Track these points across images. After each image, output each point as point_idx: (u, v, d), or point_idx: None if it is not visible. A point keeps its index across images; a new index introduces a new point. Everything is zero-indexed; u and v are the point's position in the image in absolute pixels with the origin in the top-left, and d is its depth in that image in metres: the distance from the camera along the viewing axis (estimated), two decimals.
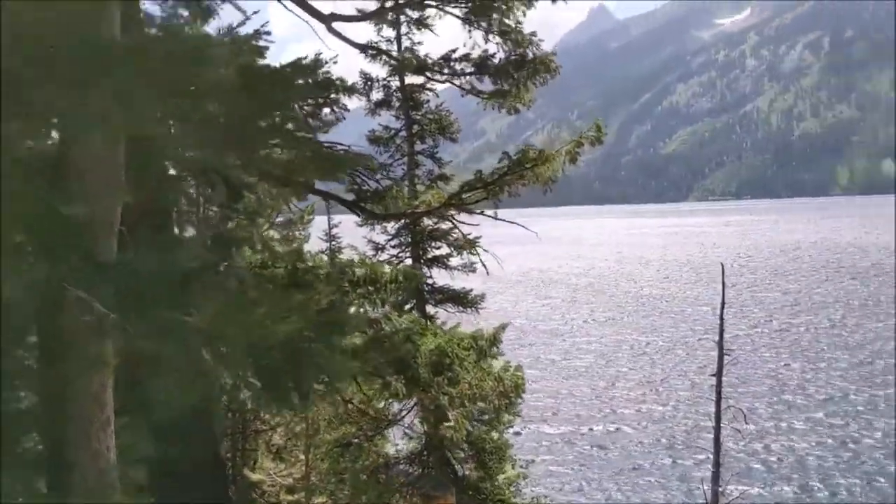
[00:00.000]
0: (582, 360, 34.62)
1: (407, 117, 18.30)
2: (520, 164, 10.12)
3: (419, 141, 19.04)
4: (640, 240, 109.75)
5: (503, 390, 11.44)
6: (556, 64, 10.17)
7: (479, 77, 10.36)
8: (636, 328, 41.46)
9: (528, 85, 10.25)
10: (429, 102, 18.63)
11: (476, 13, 10.00)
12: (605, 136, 10.13)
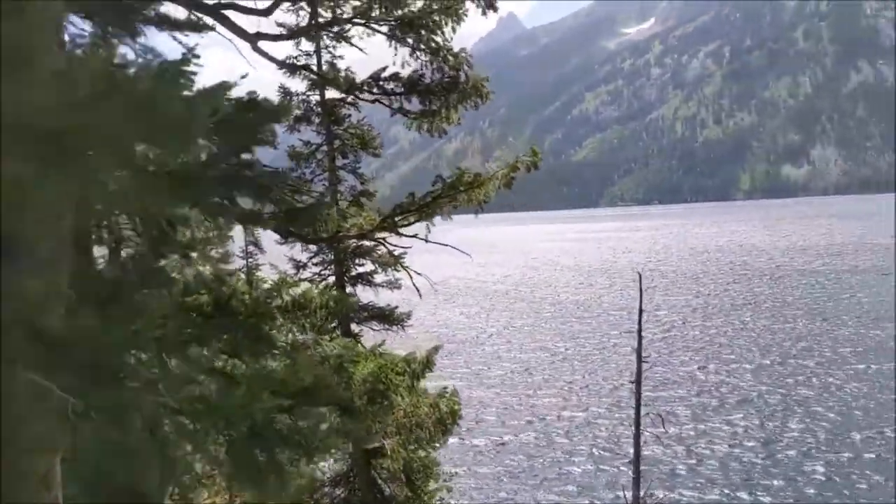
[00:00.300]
0: (503, 369, 34.66)
1: (328, 132, 17.90)
2: (454, 187, 9.94)
3: (341, 156, 18.66)
4: (555, 246, 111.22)
5: (439, 417, 11.21)
6: (487, 90, 10.02)
7: (407, 97, 10.12)
8: (556, 335, 41.78)
9: (458, 107, 10.07)
10: (350, 117, 18.29)
11: (402, 30, 9.79)
12: (540, 160, 10.02)
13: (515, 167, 10.13)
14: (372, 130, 18.92)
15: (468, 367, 35.28)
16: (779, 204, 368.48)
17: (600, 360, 35.22)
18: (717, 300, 50.46)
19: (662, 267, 75.19)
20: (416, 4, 9.47)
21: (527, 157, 10.08)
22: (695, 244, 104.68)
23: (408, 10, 9.46)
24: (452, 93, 9.91)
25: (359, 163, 19.21)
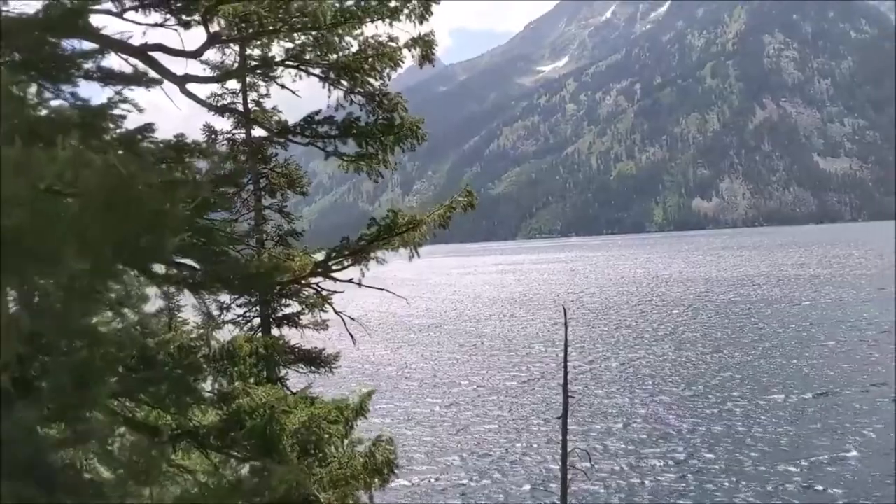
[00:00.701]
0: (429, 406, 34.33)
1: (254, 171, 17.54)
2: (390, 230, 9.74)
3: (267, 195, 18.29)
4: (477, 279, 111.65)
5: (375, 467, 10.88)
6: (423, 131, 9.89)
7: (342, 139, 9.90)
8: (482, 369, 41.68)
9: (395, 150, 9.91)
10: (277, 156, 17.97)
11: (337, 74, 9.60)
12: (476, 200, 9.91)
13: (451, 208, 10.00)
14: (299, 169, 18.66)
15: (394, 402, 34.86)
16: (691, 236, 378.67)
17: (527, 394, 35.23)
18: (639, 331, 51.22)
19: (584, 298, 76.15)
20: (351, 49, 9.30)
21: (462, 198, 9.97)
22: (614, 276, 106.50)
23: (342, 54, 9.28)
24: (388, 135, 9.73)
25: (286, 202, 18.91)
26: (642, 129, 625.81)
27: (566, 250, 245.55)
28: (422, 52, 9.66)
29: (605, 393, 34.49)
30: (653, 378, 36.74)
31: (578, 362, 41.00)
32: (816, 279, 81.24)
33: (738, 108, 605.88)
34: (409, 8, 9.01)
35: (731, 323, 51.89)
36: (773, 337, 45.34)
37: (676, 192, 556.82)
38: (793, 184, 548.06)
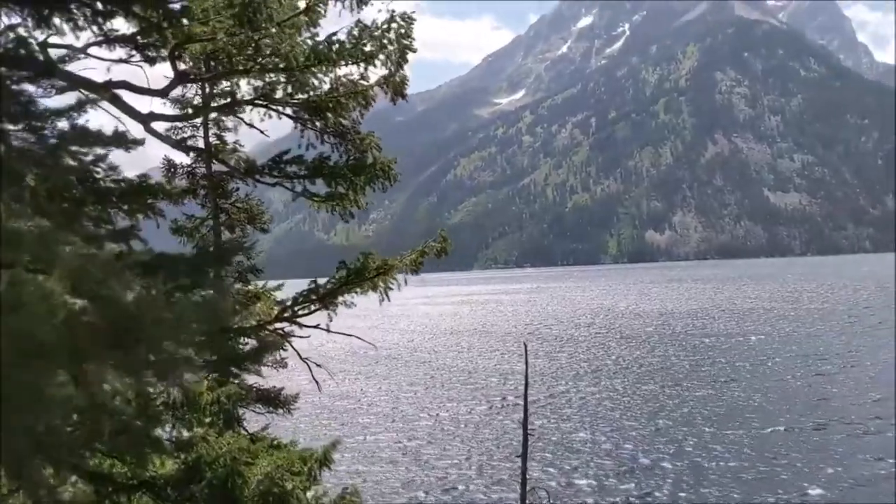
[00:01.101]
0: (385, 441, 33.76)
1: (214, 206, 17.06)
2: (360, 274, 9.46)
3: (227, 231, 17.81)
4: (434, 309, 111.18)
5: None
6: (395, 171, 9.66)
7: (311, 180, 9.62)
8: (441, 403, 41.25)
9: (366, 190, 9.65)
10: (238, 190, 17.52)
11: (308, 113, 9.35)
12: (450, 245, 9.68)
13: (423, 253, 9.78)
14: (260, 205, 18.23)
15: (351, 437, 34.26)
16: (645, 268, 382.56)
17: (487, 428, 34.85)
18: (598, 364, 51.19)
19: (543, 330, 76.18)
20: (322, 88, 9.05)
21: (436, 244, 9.76)
22: (572, 307, 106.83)
23: (314, 93, 9.03)
24: (359, 175, 9.48)
25: (246, 238, 18.43)
26: (597, 161, 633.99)
27: (523, 281, 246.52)
28: (394, 91, 9.47)
29: (565, 428, 34.26)
30: (613, 412, 36.64)
31: (538, 395, 40.80)
32: (769, 313, 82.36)
33: (690, 143, 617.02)
34: (385, 54, 8.82)
35: (689, 356, 52.19)
36: (732, 370, 45.64)
37: (630, 225, 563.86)
38: (744, 218, 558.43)
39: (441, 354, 59.81)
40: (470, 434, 34.06)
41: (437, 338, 74.35)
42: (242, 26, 8.10)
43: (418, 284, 56.75)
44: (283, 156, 9.45)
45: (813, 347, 53.25)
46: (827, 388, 39.22)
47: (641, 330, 70.89)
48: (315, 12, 8.83)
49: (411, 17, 8.89)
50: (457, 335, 75.42)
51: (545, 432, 33.21)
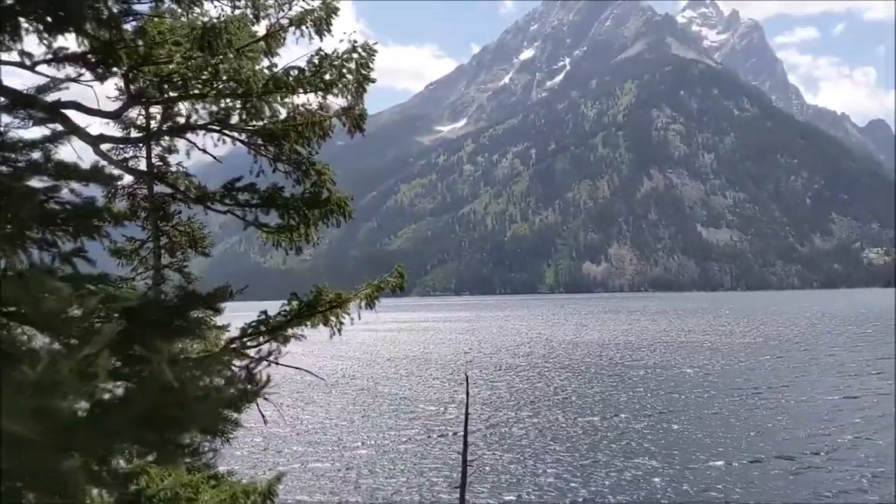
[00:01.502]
0: (320, 471, 33.15)
1: (154, 228, 16.65)
2: (312, 307, 9.23)
3: (168, 254, 17.39)
4: (373, 336, 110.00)
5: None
6: (351, 207, 9.50)
7: (264, 210, 9.39)
8: (380, 432, 40.72)
9: (319, 224, 9.45)
10: (180, 213, 17.12)
11: (263, 140, 9.15)
12: (405, 281, 9.52)
13: (379, 287, 9.60)
14: (202, 228, 17.85)
15: (287, 466, 33.53)
16: (582, 298, 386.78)
17: (426, 460, 34.47)
18: (537, 394, 51.24)
19: (482, 358, 76.15)
20: (279, 116, 8.87)
21: (392, 278, 9.59)
22: (511, 336, 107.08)
23: (270, 121, 8.84)
24: (314, 209, 9.28)
25: (186, 262, 18.01)
26: (537, 192, 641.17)
27: (461, 309, 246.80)
28: (352, 122, 9.34)
29: (504, 459, 34.10)
30: (552, 444, 36.63)
31: (477, 425, 40.64)
32: (704, 345, 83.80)
33: (627, 177, 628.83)
34: (343, 83, 8.70)
35: (628, 387, 52.65)
36: (669, 402, 46.13)
37: (568, 256, 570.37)
38: (677, 252, 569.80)
39: (380, 382, 59.32)
40: (409, 464, 33.69)
41: (376, 365, 73.80)
42: (201, 50, 7.91)
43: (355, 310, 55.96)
44: (236, 183, 9.20)
45: (747, 380, 54.25)
46: (762, 421, 39.89)
47: (581, 360, 71.41)
48: (275, 39, 8.69)
49: (372, 48, 8.81)
50: (396, 363, 74.98)
51: (484, 462, 33.03)
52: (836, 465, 30.49)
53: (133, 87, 8.09)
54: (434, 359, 77.41)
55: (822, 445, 33.85)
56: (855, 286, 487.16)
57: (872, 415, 40.61)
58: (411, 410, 46.74)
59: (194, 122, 8.87)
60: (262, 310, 9.41)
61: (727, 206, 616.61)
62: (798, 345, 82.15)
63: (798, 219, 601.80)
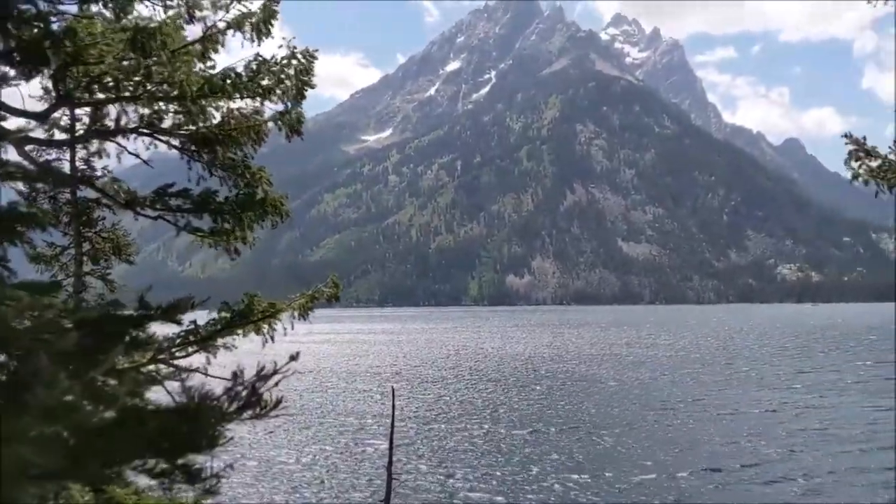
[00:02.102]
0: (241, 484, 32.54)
1: (77, 234, 16.07)
2: (244, 316, 9.02)
3: (90, 261, 16.79)
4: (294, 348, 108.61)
5: None
6: (287, 207, 9.33)
7: (197, 214, 9.16)
8: (301, 444, 40.20)
9: (254, 226, 9.26)
10: (104, 220, 16.55)
11: (198, 145, 8.93)
12: (341, 290, 9.39)
13: (314, 297, 9.45)
14: (127, 235, 17.30)
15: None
16: (506, 311, 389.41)
17: (350, 474, 34.14)
18: (464, 407, 51.22)
19: (408, 371, 75.96)
20: (213, 120, 8.67)
21: (327, 288, 9.45)
22: (436, 348, 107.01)
23: (204, 125, 8.63)
24: (248, 211, 9.09)
25: (110, 270, 17.42)
26: (462, 204, 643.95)
27: (386, 321, 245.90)
28: (290, 128, 9.20)
29: (430, 472, 33.99)
30: (479, 457, 36.64)
31: (403, 438, 40.41)
32: (627, 358, 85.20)
33: (550, 191, 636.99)
34: (282, 88, 8.56)
35: (554, 400, 53.10)
36: (597, 415, 46.65)
37: (492, 268, 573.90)
38: (598, 265, 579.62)
39: (304, 395, 58.55)
40: (333, 477, 33.32)
41: (301, 377, 72.64)
42: (134, 52, 7.68)
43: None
44: (168, 188, 8.95)
45: (671, 394, 55.24)
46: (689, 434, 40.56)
47: (507, 373, 71.74)
48: (211, 42, 8.50)
49: (313, 53, 8.69)
50: (320, 375, 74.18)
51: (410, 476, 32.86)
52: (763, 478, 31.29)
53: (61, 88, 7.80)
54: (359, 371, 76.89)
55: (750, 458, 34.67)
56: (768, 301, 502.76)
57: (794, 428, 41.85)
58: (336, 423, 46.27)
59: (125, 126, 8.60)
60: (192, 319, 9.17)
61: (647, 221, 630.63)
62: (719, 358, 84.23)
63: (715, 235, 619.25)
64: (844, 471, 31.84)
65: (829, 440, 38.27)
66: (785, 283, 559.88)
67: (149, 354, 9.63)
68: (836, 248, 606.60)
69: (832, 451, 35.61)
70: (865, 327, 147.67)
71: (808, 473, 31.43)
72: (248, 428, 45.67)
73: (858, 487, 29.30)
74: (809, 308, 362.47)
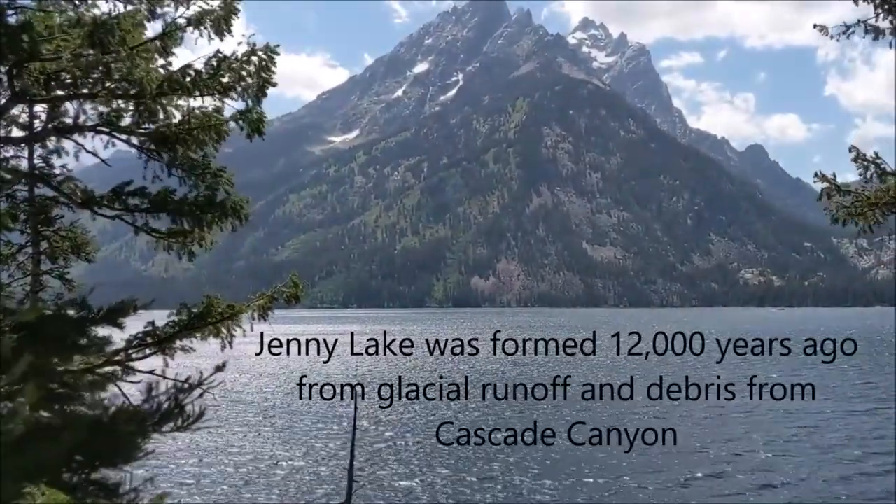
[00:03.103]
0: (203, 483, 32.20)
1: (34, 233, 15.80)
2: (202, 318, 8.90)
3: (48, 260, 16.53)
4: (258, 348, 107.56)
5: None
6: (247, 210, 9.22)
7: (155, 214, 9.03)
8: (264, 446, 39.87)
9: (214, 229, 9.14)
10: (63, 218, 16.27)
11: (157, 143, 8.80)
12: (302, 291, 9.31)
13: (273, 298, 9.34)
14: (86, 234, 17.03)
15: (172, 483, 32.43)
16: (471, 313, 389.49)
17: (312, 476, 33.91)
18: (427, 410, 51.12)
19: (373, 372, 75.68)
20: (173, 119, 8.54)
21: (286, 289, 9.35)
22: (398, 349, 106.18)
23: (163, 123, 8.51)
24: (207, 213, 8.97)
25: (68, 269, 17.16)
26: (428, 206, 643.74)
27: (351, 322, 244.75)
28: (251, 127, 9.09)
29: (392, 474, 33.87)
30: (442, 460, 36.57)
31: (365, 442, 40.24)
32: (595, 361, 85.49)
33: (516, 194, 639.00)
34: (243, 86, 8.46)
35: (520, 403, 53.20)
36: (562, 418, 46.79)
37: (457, 270, 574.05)
38: (563, 268, 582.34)
39: (266, 397, 58.15)
40: (294, 479, 33.09)
41: (261, 379, 72.36)
42: (92, 47, 7.55)
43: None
44: (125, 187, 8.81)
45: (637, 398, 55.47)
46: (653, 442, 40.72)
47: (473, 376, 71.61)
48: (171, 38, 8.38)
49: (274, 49, 8.60)
50: (283, 377, 73.72)
51: (371, 480, 32.72)
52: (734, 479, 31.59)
53: (17, 84, 7.64)
54: (322, 374, 76.42)
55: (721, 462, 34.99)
56: (731, 305, 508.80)
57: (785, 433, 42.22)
58: (297, 426, 45.97)
59: (83, 123, 8.45)
60: (150, 320, 9.04)
61: (612, 225, 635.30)
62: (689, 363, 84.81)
63: (679, 238, 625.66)
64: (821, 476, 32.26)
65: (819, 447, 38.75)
66: (747, 287, 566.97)
67: (102, 358, 9.49)
68: (797, 253, 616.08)
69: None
70: (848, 331, 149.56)
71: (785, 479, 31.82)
72: (208, 429, 45.22)
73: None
74: (776, 312, 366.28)
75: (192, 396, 5.10)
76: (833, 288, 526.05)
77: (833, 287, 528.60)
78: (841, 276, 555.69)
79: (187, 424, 5.43)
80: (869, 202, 9.46)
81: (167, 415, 4.94)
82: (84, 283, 18.96)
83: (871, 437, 40.60)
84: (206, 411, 5.83)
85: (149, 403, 4.93)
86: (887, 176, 9.66)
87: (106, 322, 5.17)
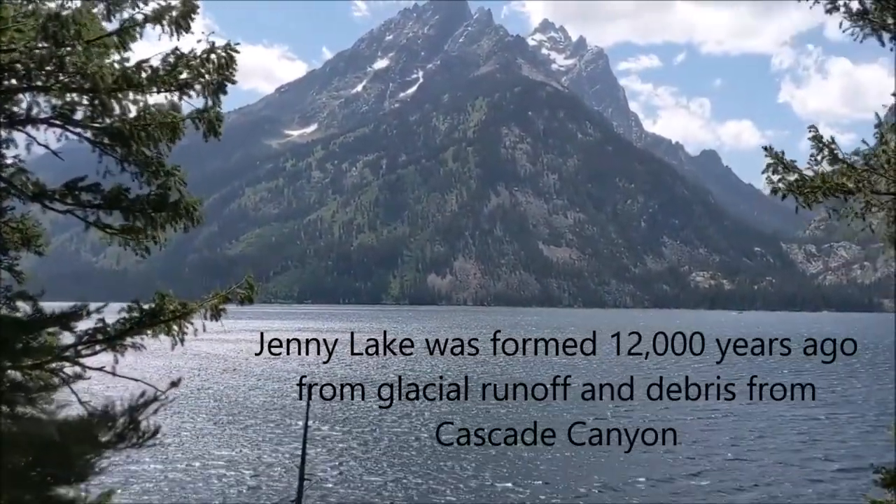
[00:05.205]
0: (150, 486, 31.80)
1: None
2: (154, 316, 8.82)
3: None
4: (207, 346, 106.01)
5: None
6: (200, 213, 9.14)
7: (107, 211, 8.92)
8: (213, 444, 39.54)
9: (167, 227, 9.05)
10: (13, 209, 15.96)
11: (111, 139, 8.68)
12: (256, 293, 9.25)
13: (226, 298, 9.27)
14: (37, 226, 16.72)
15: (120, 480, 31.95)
16: (428, 311, 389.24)
17: (262, 476, 33.69)
18: (381, 409, 51.07)
19: (325, 370, 75.38)
20: (129, 114, 8.44)
21: (241, 290, 9.29)
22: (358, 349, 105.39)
23: (118, 119, 8.40)
24: (161, 212, 8.88)
25: (17, 261, 16.82)
26: (385, 202, 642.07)
27: (306, 318, 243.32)
28: (208, 127, 9.01)
29: (343, 475, 33.73)
30: (393, 460, 36.56)
31: (317, 440, 40.09)
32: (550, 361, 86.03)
33: (475, 193, 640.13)
34: (202, 83, 8.39)
35: (475, 403, 53.36)
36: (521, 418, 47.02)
37: (413, 267, 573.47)
38: (519, 268, 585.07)
39: (217, 395, 57.65)
40: (245, 478, 32.89)
41: (215, 377, 71.64)
42: (46, 40, 7.45)
43: None
44: (78, 182, 8.70)
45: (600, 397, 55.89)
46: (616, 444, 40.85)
47: (428, 375, 71.59)
48: (128, 34, 8.29)
49: (234, 48, 8.54)
50: (235, 375, 73.19)
51: (322, 478, 32.64)
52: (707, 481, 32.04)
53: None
54: (274, 372, 75.96)
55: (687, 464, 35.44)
56: (682, 307, 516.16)
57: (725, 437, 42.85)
58: (249, 424, 45.66)
59: (35, 116, 8.32)
60: (100, 317, 8.93)
61: (568, 226, 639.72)
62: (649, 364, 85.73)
63: (633, 240, 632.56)
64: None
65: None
66: (698, 290, 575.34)
67: (51, 352, 9.34)
68: (747, 257, 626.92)
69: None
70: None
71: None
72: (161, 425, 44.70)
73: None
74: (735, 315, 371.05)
75: (147, 413, 5.05)
76: (782, 292, 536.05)
77: (782, 291, 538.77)
78: (789, 282, 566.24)
79: (142, 442, 5.38)
80: (812, 185, 9.67)
81: (122, 435, 4.88)
82: (34, 275, 18.59)
83: (871, 437, 41.64)
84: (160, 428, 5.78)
85: (104, 422, 4.88)
86: (838, 162, 9.84)
87: (57, 325, 5.10)
